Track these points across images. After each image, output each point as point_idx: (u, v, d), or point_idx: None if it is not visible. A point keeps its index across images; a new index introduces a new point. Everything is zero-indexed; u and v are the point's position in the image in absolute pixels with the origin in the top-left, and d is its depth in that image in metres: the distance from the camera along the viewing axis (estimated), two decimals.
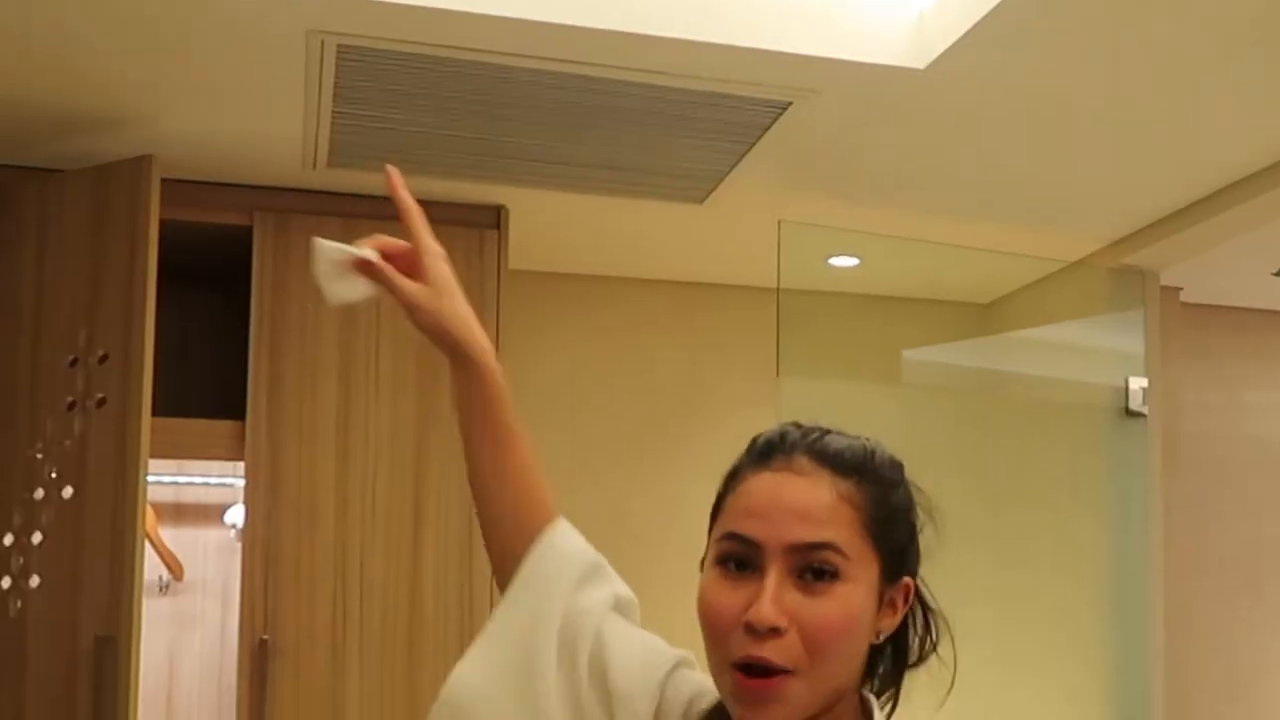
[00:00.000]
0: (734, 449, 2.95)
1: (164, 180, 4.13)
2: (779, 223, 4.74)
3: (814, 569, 1.55)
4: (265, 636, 4.36)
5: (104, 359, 4.02)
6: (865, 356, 5.51)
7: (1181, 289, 5.81)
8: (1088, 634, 5.14)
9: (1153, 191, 4.70)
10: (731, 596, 1.57)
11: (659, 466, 5.29)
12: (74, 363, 4.06)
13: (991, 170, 4.54)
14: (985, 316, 5.99)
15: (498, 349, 4.41)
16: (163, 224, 4.09)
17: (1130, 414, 5.28)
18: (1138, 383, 5.25)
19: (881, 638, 1.65)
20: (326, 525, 4.48)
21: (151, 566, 4.74)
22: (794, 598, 1.54)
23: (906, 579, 1.67)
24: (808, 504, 1.58)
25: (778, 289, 4.90)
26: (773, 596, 1.53)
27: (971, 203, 4.86)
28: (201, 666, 5.08)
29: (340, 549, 4.49)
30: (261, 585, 4.40)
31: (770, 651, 1.52)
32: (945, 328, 5.87)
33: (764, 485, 1.62)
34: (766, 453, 1.66)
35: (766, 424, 2.01)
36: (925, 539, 1.73)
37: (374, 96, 3.95)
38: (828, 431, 1.67)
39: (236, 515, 4.77)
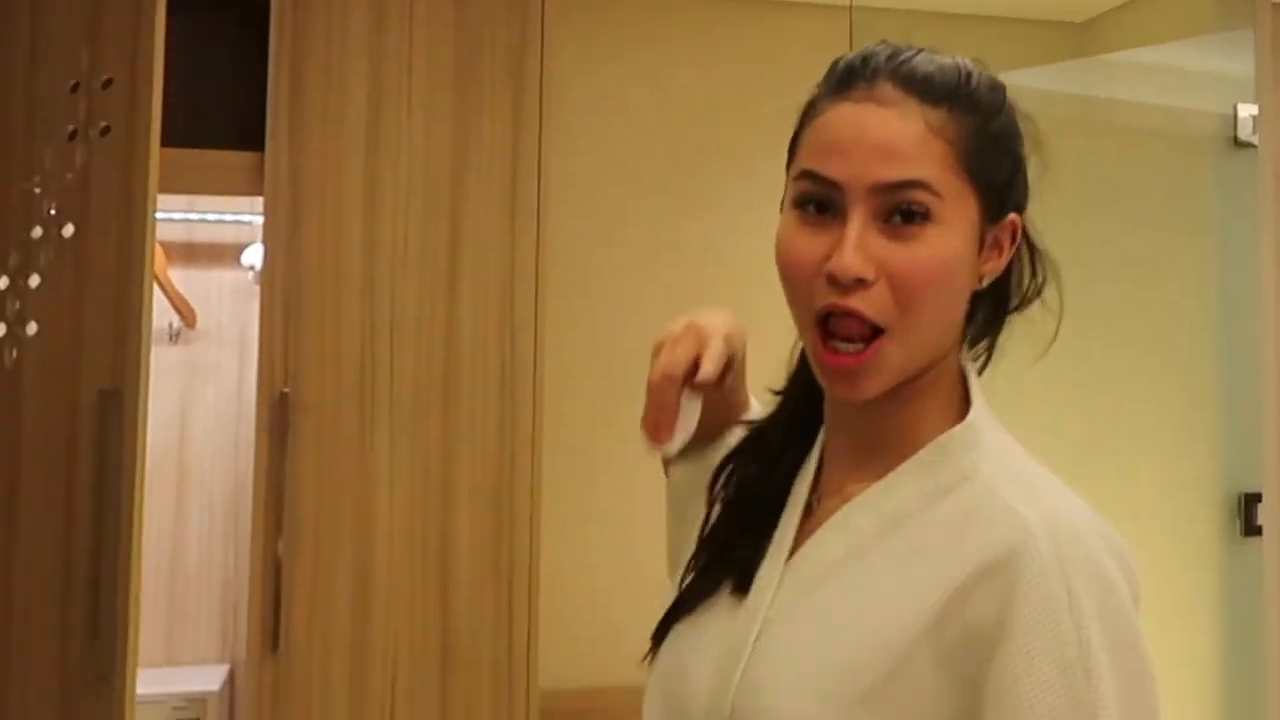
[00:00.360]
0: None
1: None
2: None
3: (903, 210, 1.42)
4: (286, 389, 4.18)
5: (108, 83, 3.71)
6: None
7: None
8: (1193, 392, 4.99)
9: None
10: (812, 243, 1.45)
11: (715, 190, 5.02)
12: (75, 88, 3.74)
13: None
14: (1081, 36, 5.69)
15: (541, 76, 4.70)
16: None
17: (1239, 144, 5.03)
18: (1247, 110, 4.98)
19: (985, 282, 1.53)
20: (353, 266, 4.27)
21: (160, 312, 4.65)
22: (881, 244, 1.42)
23: (1013, 216, 1.52)
24: (893, 137, 1.43)
25: (850, 6, 4.62)
26: (857, 243, 1.41)
27: None
28: (216, 422, 5.04)
29: (369, 292, 4.29)
30: (282, 333, 4.21)
31: (856, 301, 1.41)
32: (1036, 49, 5.61)
33: (844, 117, 1.47)
34: (847, 79, 1.49)
35: None
36: (1032, 173, 1.56)
37: None
38: (919, 51, 1.50)
39: (254, 255, 4.65)
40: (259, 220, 4.36)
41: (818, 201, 1.45)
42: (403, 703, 4.23)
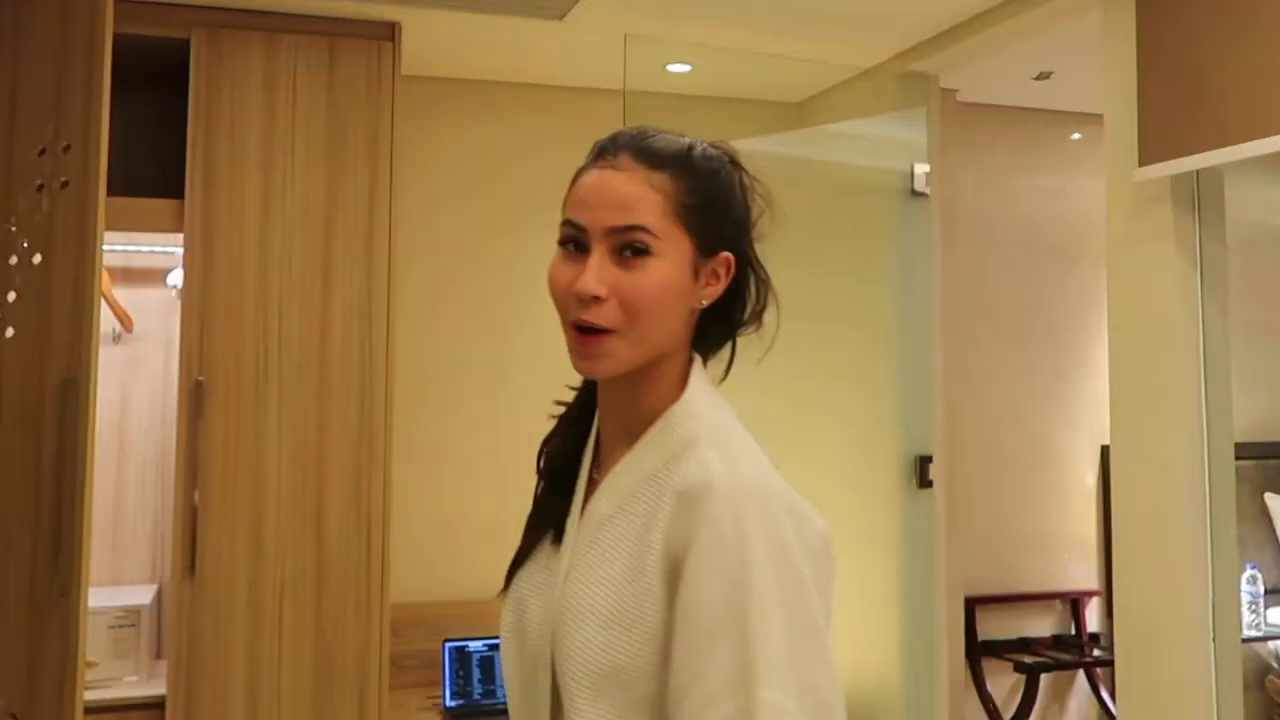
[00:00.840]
0: None
1: (116, 0, 4.15)
2: (625, 36, 4.83)
3: (631, 247, 1.67)
4: (200, 378, 4.55)
5: (67, 149, 4.05)
6: None
7: (958, 90, 6.07)
8: (881, 378, 5.31)
9: (935, 8, 4.81)
10: (566, 273, 1.69)
11: (528, 240, 5.31)
12: (42, 152, 4.07)
13: None
14: (797, 113, 6.14)
15: (392, 143, 4.58)
16: (115, 37, 4.12)
17: (915, 194, 5.41)
18: (921, 168, 5.41)
19: (705, 304, 1.76)
20: (251, 286, 4.64)
21: (106, 320, 4.77)
22: (613, 272, 1.66)
23: (725, 254, 1.75)
24: (623, 194, 1.69)
25: (624, 91, 4.95)
26: (594, 271, 1.66)
27: (788, 17, 4.89)
28: (149, 404, 5.17)
29: (262, 305, 4.65)
30: (197, 335, 4.57)
31: (593, 315, 1.65)
32: (764, 123, 6.01)
33: (592, 180, 1.73)
34: (599, 154, 1.76)
35: None
36: (764, 219, 1.85)
37: None
38: (659, 133, 1.76)
39: (176, 278, 4.87)
40: (180, 251, 4.67)
41: (575, 242, 1.70)
42: (289, 613, 4.56)
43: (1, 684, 3.98)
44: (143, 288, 5.21)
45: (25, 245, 4.08)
